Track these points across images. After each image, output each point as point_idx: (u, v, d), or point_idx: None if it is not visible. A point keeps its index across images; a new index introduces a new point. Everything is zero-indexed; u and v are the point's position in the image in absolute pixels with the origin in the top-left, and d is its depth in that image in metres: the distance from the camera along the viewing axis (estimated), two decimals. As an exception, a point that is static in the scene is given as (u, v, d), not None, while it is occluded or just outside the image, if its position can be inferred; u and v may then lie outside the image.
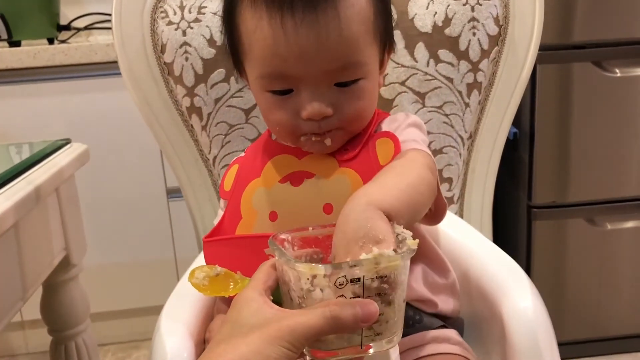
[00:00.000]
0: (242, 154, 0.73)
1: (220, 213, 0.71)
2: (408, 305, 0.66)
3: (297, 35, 0.57)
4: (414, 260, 0.67)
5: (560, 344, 0.61)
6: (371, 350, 0.47)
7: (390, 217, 0.51)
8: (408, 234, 0.50)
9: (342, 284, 0.45)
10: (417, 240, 0.48)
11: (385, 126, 0.67)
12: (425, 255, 0.68)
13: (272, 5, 0.58)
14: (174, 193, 1.61)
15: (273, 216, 0.64)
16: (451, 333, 0.66)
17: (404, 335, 0.64)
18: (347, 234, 0.49)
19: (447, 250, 0.73)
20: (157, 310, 0.67)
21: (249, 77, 0.66)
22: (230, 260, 0.61)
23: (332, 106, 0.61)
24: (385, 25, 0.65)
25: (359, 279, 0.45)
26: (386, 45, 0.67)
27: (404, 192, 0.54)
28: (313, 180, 0.63)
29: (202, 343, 0.64)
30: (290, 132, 0.63)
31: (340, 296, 0.46)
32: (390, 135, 0.64)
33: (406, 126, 0.67)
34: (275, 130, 0.66)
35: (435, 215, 0.64)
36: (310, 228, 0.54)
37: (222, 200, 0.72)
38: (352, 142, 0.65)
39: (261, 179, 0.66)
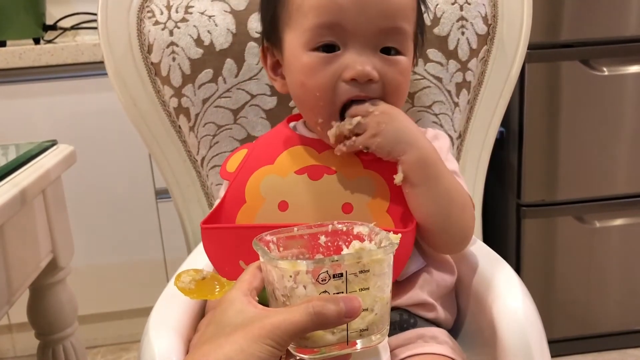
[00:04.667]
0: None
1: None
2: (404, 309, 0.65)
3: None
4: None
5: (549, 342, 0.61)
6: (358, 346, 0.47)
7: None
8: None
9: (325, 280, 0.45)
10: (399, 235, 0.48)
11: None
12: (430, 255, 0.68)
13: None
14: (162, 194, 1.60)
15: (283, 206, 0.63)
16: (438, 332, 0.65)
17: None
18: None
19: (437, 250, 0.73)
20: (146, 311, 0.66)
21: (291, 43, 0.64)
22: (230, 248, 0.60)
23: (377, 72, 0.61)
24: (419, 27, 0.69)
25: (341, 274, 0.45)
26: (415, 49, 0.70)
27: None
28: (334, 176, 0.63)
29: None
30: (330, 100, 0.62)
31: (323, 292, 0.46)
32: None
33: (446, 151, 0.70)
34: (315, 97, 0.63)
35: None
36: (296, 229, 0.54)
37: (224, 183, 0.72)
38: None
39: (274, 167, 0.65)
